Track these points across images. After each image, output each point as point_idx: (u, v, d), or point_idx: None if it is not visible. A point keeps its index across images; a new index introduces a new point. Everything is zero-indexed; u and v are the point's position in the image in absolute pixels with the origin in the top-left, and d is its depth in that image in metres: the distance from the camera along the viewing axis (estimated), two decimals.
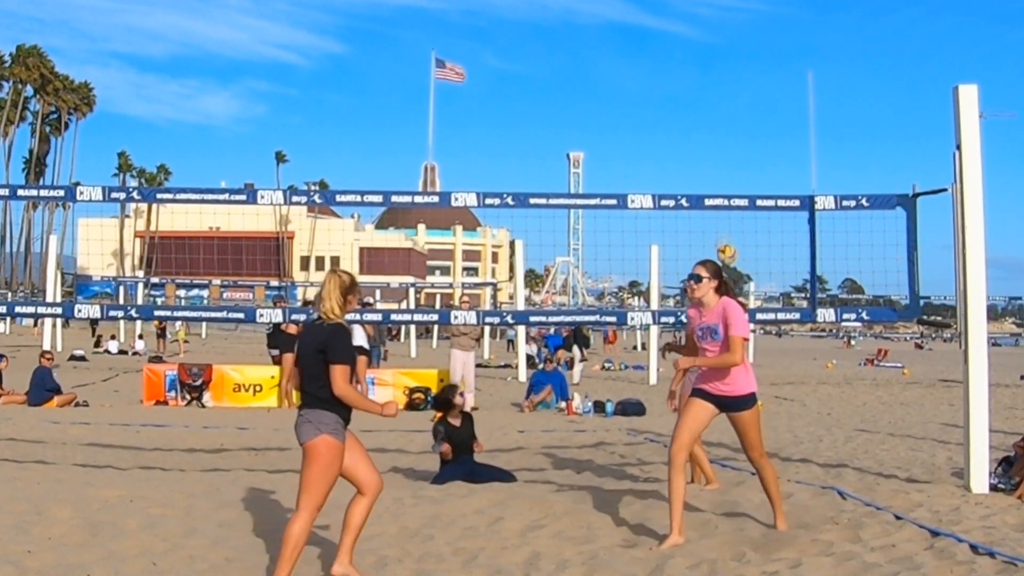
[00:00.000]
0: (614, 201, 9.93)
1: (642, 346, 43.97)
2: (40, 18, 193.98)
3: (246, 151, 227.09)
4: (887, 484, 8.85)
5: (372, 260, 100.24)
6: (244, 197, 10.68)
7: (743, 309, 7.31)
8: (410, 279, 63.51)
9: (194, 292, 78.53)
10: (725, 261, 10.86)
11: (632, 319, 12.97)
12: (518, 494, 8.47)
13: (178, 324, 38.86)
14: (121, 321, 40.35)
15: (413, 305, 45.14)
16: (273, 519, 7.62)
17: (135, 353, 35.41)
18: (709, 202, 9.90)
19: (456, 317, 11.06)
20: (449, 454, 9.69)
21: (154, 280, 58.28)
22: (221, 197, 11.32)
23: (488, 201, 9.82)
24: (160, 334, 37.89)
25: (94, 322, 40.05)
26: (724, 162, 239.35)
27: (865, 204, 9.72)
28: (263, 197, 10.08)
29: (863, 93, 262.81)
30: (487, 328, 34.66)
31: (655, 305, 25.23)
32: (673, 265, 11.19)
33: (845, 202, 9.75)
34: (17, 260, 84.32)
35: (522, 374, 25.33)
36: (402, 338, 47.58)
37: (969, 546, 6.35)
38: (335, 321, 5.80)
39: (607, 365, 32.01)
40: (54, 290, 29.50)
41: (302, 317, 15.52)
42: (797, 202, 9.87)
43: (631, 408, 17.53)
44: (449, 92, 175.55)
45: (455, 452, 9.73)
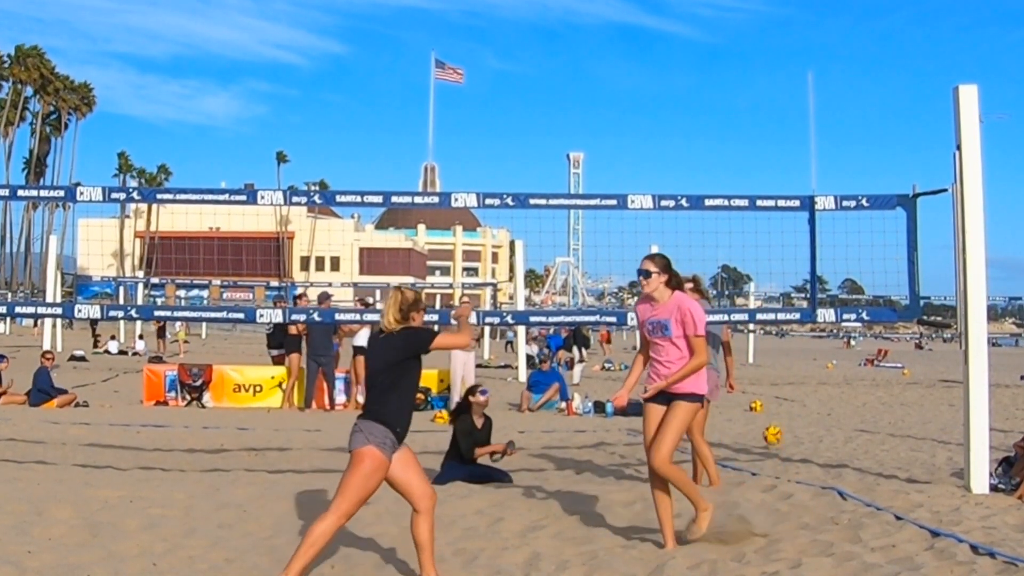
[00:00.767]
0: (614, 201, 9.93)
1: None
2: (40, 18, 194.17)
3: (246, 151, 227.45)
4: (887, 484, 8.84)
5: (372, 260, 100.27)
6: (244, 197, 10.66)
7: (699, 304, 7.17)
8: (410, 279, 63.54)
9: (194, 292, 78.54)
10: None
11: (632, 319, 12.96)
12: (518, 495, 8.47)
13: (178, 325, 38.83)
14: (121, 321, 40.32)
15: None
16: (273, 520, 7.62)
17: (135, 353, 35.39)
18: (709, 202, 9.89)
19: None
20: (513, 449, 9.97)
21: (154, 280, 58.24)
22: (221, 197, 11.30)
23: (488, 201, 9.82)
24: (160, 334, 37.88)
25: (94, 322, 40.01)
26: (724, 162, 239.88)
27: (865, 204, 9.72)
28: (263, 197, 10.08)
29: (863, 94, 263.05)
30: (487, 328, 34.64)
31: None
32: (673, 266, 11.15)
33: (845, 202, 9.75)
34: (17, 260, 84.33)
35: (522, 374, 25.30)
36: None
37: (969, 546, 6.35)
38: (400, 326, 5.93)
39: (607, 365, 32.00)
40: (54, 290, 29.50)
41: (302, 317, 15.56)
42: (797, 202, 9.87)
43: (631, 408, 17.50)
44: (449, 93, 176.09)
45: (461, 456, 9.74)
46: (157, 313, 17.69)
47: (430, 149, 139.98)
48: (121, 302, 37.78)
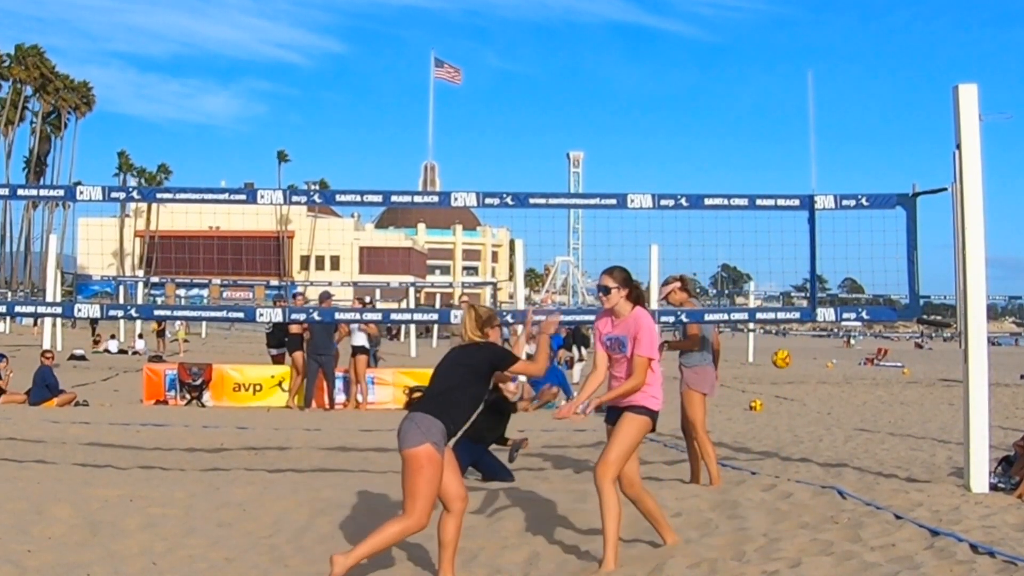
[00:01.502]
0: (614, 201, 9.92)
1: None
2: (40, 17, 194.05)
3: (246, 151, 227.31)
4: (887, 483, 8.85)
5: (372, 259, 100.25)
6: (244, 197, 10.67)
7: (654, 322, 6.73)
8: (410, 278, 63.49)
9: (194, 292, 78.48)
10: None
11: None
12: (518, 494, 8.47)
13: (178, 324, 38.83)
14: (121, 321, 40.31)
15: (413, 304, 45.11)
16: (273, 519, 7.62)
17: (135, 352, 35.41)
18: (709, 202, 9.89)
19: (456, 316, 11.04)
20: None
21: (154, 280, 58.22)
22: (221, 197, 11.31)
23: (488, 201, 9.81)
24: (160, 334, 37.88)
25: (94, 322, 40.03)
26: (724, 162, 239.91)
27: (865, 203, 9.72)
28: (263, 197, 10.07)
29: (863, 93, 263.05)
30: None
31: (655, 305, 25.18)
32: (673, 265, 11.14)
33: (845, 201, 9.74)
34: (17, 259, 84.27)
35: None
36: (402, 337, 47.57)
37: (969, 545, 6.35)
38: (482, 340, 6.04)
39: None
40: (54, 289, 29.48)
41: (302, 317, 15.57)
42: (797, 201, 9.87)
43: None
44: (449, 92, 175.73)
45: (482, 432, 9.63)
46: (157, 313, 17.68)
47: (430, 148, 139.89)
48: (121, 301, 37.79)
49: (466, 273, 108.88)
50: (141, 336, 38.59)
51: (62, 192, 16.13)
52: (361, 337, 17.94)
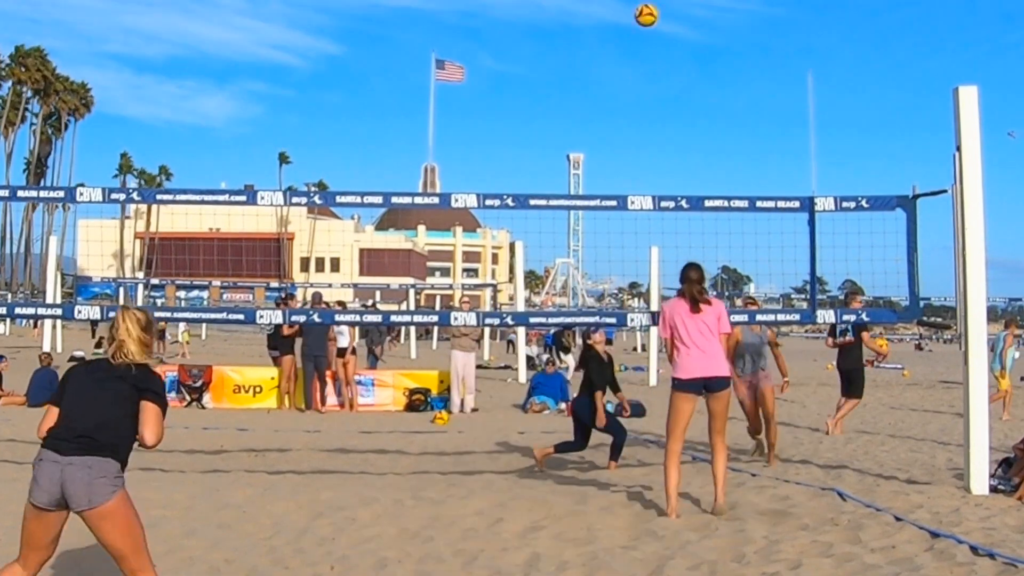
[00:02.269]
0: (614, 202, 9.93)
1: (642, 347, 43.94)
2: (37, 19, 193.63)
3: (244, 152, 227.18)
4: (887, 485, 8.85)
5: (372, 261, 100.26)
6: (244, 198, 10.66)
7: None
8: (410, 280, 63.53)
9: (194, 293, 78.53)
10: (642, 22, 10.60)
11: (632, 321, 12.97)
12: (518, 495, 8.47)
13: (181, 327, 38.84)
14: None
15: (413, 306, 45.12)
16: (273, 521, 7.62)
17: None
18: (709, 203, 9.89)
19: (456, 318, 11.05)
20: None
21: (154, 281, 58.22)
22: (221, 198, 11.30)
23: (488, 202, 9.82)
24: (160, 336, 37.87)
25: (94, 323, 40.00)
26: (724, 163, 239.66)
27: (865, 205, 9.72)
28: (263, 198, 10.08)
29: (863, 93, 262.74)
30: (487, 329, 34.64)
31: (655, 306, 25.21)
32: (673, 266, 11.11)
33: (845, 203, 9.75)
34: (17, 261, 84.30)
35: (522, 375, 25.32)
36: (402, 339, 47.57)
37: (969, 547, 6.35)
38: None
39: None
40: (54, 291, 29.49)
41: (302, 318, 15.56)
42: (797, 203, 9.87)
43: (632, 409, 17.50)
44: (448, 93, 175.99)
45: (592, 386, 10.58)
46: (157, 314, 17.66)
47: (430, 150, 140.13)
48: (121, 303, 37.77)
49: (466, 275, 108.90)
50: None
51: (62, 194, 16.13)
52: (344, 339, 17.94)
